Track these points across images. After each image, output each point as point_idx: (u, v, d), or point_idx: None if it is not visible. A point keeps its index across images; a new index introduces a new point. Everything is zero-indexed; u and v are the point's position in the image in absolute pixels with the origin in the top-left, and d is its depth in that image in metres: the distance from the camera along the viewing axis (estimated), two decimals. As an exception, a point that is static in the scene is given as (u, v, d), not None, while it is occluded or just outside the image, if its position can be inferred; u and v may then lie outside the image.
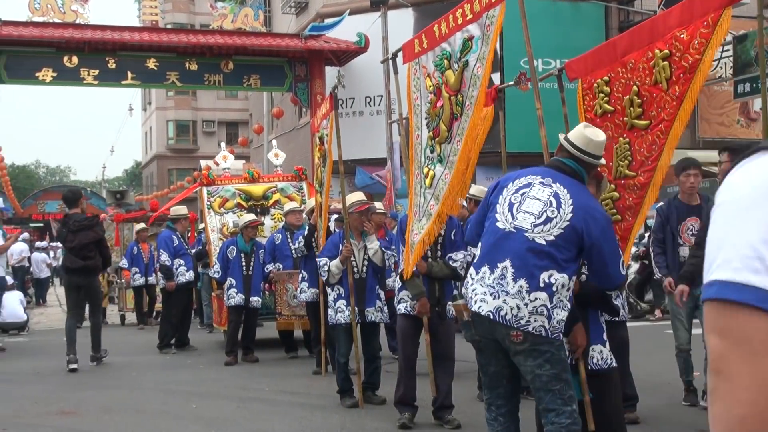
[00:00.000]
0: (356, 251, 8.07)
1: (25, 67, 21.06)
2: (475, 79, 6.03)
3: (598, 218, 4.49)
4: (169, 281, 12.46)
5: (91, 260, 10.79)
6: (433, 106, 6.68)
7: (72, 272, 10.96)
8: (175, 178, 51.49)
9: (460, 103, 6.27)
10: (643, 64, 5.06)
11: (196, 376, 10.17)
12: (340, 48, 22.91)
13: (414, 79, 7.13)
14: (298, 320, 11.20)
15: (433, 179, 6.65)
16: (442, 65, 6.49)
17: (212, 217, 13.03)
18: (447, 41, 6.42)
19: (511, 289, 4.33)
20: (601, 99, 5.45)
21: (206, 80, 22.64)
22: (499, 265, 4.40)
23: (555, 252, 4.36)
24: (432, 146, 6.70)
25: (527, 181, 4.58)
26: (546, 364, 4.37)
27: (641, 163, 5.19)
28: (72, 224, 10.77)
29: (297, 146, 27.86)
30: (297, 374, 10.01)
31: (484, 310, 4.39)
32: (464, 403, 7.67)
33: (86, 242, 10.73)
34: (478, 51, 5.99)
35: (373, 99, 23.60)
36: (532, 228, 4.39)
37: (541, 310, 4.31)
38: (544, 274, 4.33)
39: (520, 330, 4.31)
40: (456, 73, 6.26)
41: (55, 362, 11.67)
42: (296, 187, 13.38)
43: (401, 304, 7.14)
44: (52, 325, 18.23)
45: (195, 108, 57.42)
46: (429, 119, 6.78)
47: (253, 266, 11.30)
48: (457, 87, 6.26)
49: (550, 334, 4.34)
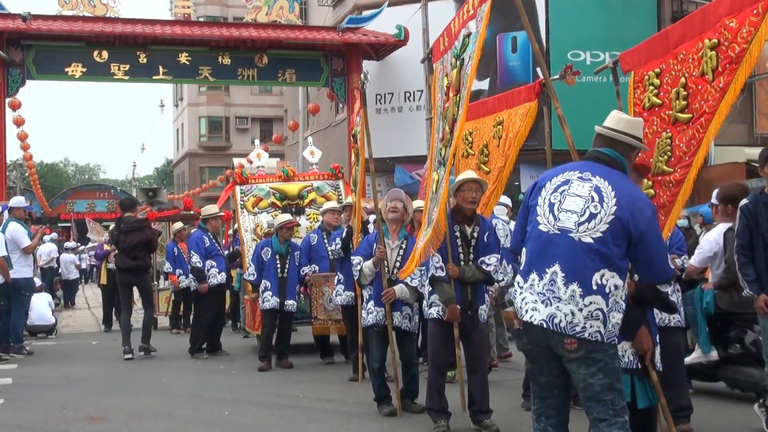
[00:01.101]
0: (389, 251, 8.08)
1: (55, 62, 21.35)
2: (465, 78, 6.01)
3: (643, 208, 4.39)
4: (201, 283, 12.55)
5: (140, 260, 12.43)
6: (443, 107, 6.68)
7: (124, 271, 12.61)
8: (207, 177, 51.99)
9: (457, 103, 6.26)
10: (693, 54, 5.01)
11: (229, 382, 10.22)
12: (378, 41, 22.93)
13: (439, 80, 7.14)
14: (335, 325, 11.21)
15: (437, 183, 6.65)
16: (452, 65, 6.50)
17: (246, 217, 13.10)
18: (458, 38, 6.42)
19: (563, 294, 4.26)
20: (650, 92, 5.41)
21: (240, 75, 22.80)
22: (547, 270, 4.33)
23: (604, 249, 4.27)
24: (440, 149, 6.70)
25: (565, 177, 4.50)
26: (599, 373, 4.30)
27: (679, 159, 5.14)
28: (123, 226, 12.37)
29: (333, 143, 27.92)
30: (333, 381, 10.03)
31: (537, 318, 4.33)
32: (504, 411, 7.66)
33: (136, 242, 12.27)
34: (471, 48, 5.98)
35: (413, 94, 23.58)
36: (577, 227, 4.32)
37: (597, 314, 4.24)
38: (596, 276, 4.25)
39: (575, 338, 4.25)
40: (456, 72, 6.26)
41: (84, 367, 11.83)
42: (332, 186, 13.41)
43: (432, 308, 7.18)
44: (80, 329, 18.50)
45: (228, 104, 57.89)
46: (440, 121, 6.79)
47: (289, 268, 11.33)
48: (457, 87, 6.27)
49: (606, 339, 4.27)
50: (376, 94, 23.39)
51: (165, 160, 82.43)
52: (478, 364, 7.24)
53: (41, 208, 42.81)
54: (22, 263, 12.85)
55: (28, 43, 20.88)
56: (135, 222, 12.46)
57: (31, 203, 22.76)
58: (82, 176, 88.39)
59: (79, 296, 27.23)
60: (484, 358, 7.42)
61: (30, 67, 20.93)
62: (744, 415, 7.38)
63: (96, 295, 24.30)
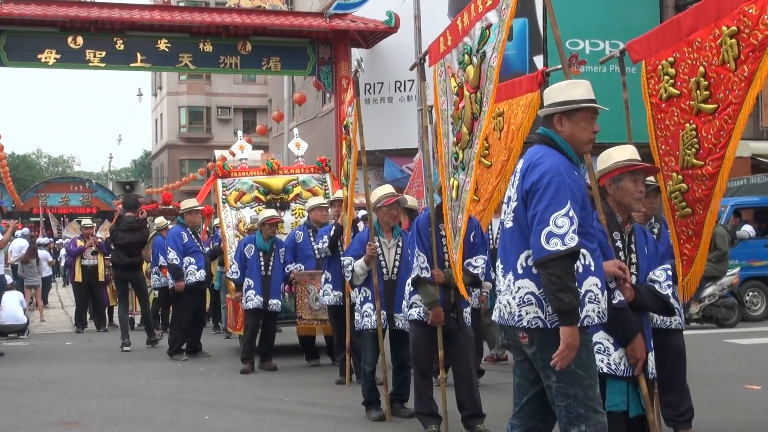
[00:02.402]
0: (386, 250, 8.07)
1: (27, 48, 21.23)
2: (491, 71, 5.99)
3: (535, 171, 4.24)
4: (178, 281, 12.52)
5: (136, 257, 13.64)
6: (456, 109, 6.65)
7: (120, 267, 13.80)
8: (188, 170, 51.93)
9: (479, 100, 6.24)
10: (709, 42, 5.01)
11: (210, 385, 10.22)
12: (367, 28, 22.91)
13: (440, 82, 7.09)
14: (320, 325, 11.21)
15: (458, 189, 6.64)
16: (464, 62, 6.44)
17: (228, 211, 13.06)
18: (468, 34, 6.39)
19: (503, 285, 4.37)
20: (666, 82, 5.41)
21: (222, 63, 22.71)
22: (499, 266, 4.47)
23: (520, 228, 4.27)
24: (456, 153, 6.67)
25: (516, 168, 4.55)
26: (551, 375, 4.18)
27: (709, 151, 5.14)
28: (124, 225, 13.58)
29: (320, 135, 27.91)
30: (319, 384, 10.04)
31: (495, 316, 4.49)
32: (499, 416, 7.67)
33: (133, 241, 13.51)
34: (494, 40, 5.96)
35: (404, 84, 23.58)
36: (505, 216, 4.43)
37: (528, 299, 4.20)
38: (520, 258, 4.25)
39: (521, 329, 4.22)
40: (475, 68, 6.22)
41: (57, 368, 11.81)
42: (319, 180, 13.39)
43: (413, 309, 7.20)
44: (53, 329, 18.44)
45: (209, 93, 57.81)
46: (453, 124, 6.76)
47: (273, 266, 11.31)
48: (476, 83, 6.22)
49: (550, 324, 4.13)
50: (365, 83, 23.35)
51: (143, 152, 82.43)
52: (464, 368, 7.24)
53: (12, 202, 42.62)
54: (-8, 260, 12.83)
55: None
56: (135, 222, 13.68)
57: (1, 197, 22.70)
58: (56, 168, 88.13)
59: (52, 294, 27.13)
60: (470, 361, 7.36)
61: (1, 54, 20.83)
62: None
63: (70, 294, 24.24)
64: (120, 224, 13.83)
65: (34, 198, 50.77)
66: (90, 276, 17.42)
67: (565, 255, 4.03)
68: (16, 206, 44.06)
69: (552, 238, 4.04)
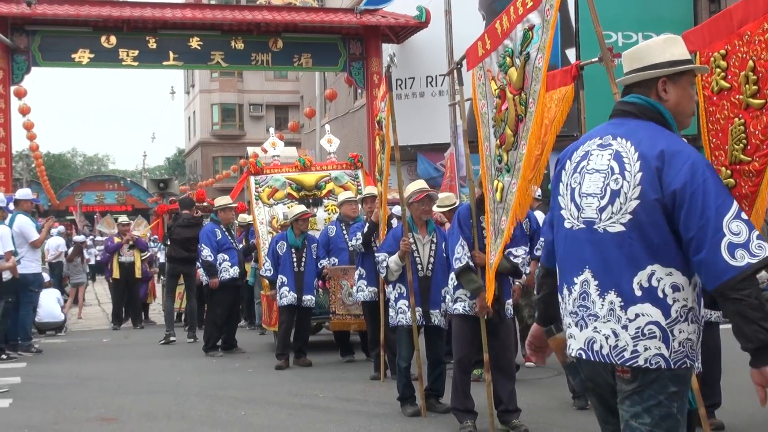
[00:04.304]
0: (420, 246, 8.05)
1: (61, 48, 21.39)
2: (536, 72, 5.96)
3: (678, 160, 3.24)
4: (212, 278, 12.60)
5: (192, 252, 13.90)
6: (498, 111, 6.63)
7: (176, 261, 14.49)
8: (221, 167, 52.17)
9: (523, 102, 6.20)
10: (758, 36, 4.94)
11: (245, 381, 10.27)
12: (398, 23, 22.86)
13: (479, 86, 7.07)
14: (354, 321, 11.21)
15: (503, 192, 6.61)
16: (505, 64, 6.42)
17: (261, 208, 13.10)
18: (509, 37, 6.37)
19: (600, 309, 3.31)
20: (718, 75, 5.34)
21: (253, 60, 22.75)
22: (576, 280, 3.41)
23: (642, 236, 3.25)
24: (500, 156, 6.65)
25: (585, 149, 3.54)
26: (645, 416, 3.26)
27: (756, 147, 5.07)
28: (182, 221, 14.43)
29: (352, 131, 27.93)
30: (353, 379, 10.05)
31: (573, 348, 3.43)
32: (534, 410, 7.66)
33: (189, 237, 14.00)
34: (538, 41, 5.92)
35: (435, 79, 23.50)
36: (599, 214, 3.35)
37: (650, 330, 3.22)
38: (639, 276, 3.24)
39: (625, 366, 3.26)
40: (518, 70, 6.19)
41: (95, 365, 11.92)
42: (351, 176, 13.39)
43: (458, 304, 7.22)
44: (90, 326, 18.60)
45: (241, 90, 58.05)
46: (495, 126, 6.73)
47: (305, 262, 11.35)
48: (520, 85, 6.19)
49: (673, 364, 3.22)
50: (396, 79, 23.31)
51: (176, 149, 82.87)
52: (505, 362, 7.25)
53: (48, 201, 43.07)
54: (31, 258, 12.97)
55: (33, 28, 20.92)
56: (192, 219, 14.57)
57: (38, 195, 22.93)
58: (91, 167, 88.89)
59: (89, 292, 27.37)
60: (511, 355, 7.44)
61: (35, 54, 20.99)
62: None
63: (106, 291, 24.44)
64: (177, 221, 14.67)
65: (69, 196, 51.24)
66: (127, 273, 17.57)
67: (756, 270, 3.09)
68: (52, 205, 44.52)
69: (737, 250, 3.08)
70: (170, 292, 14.94)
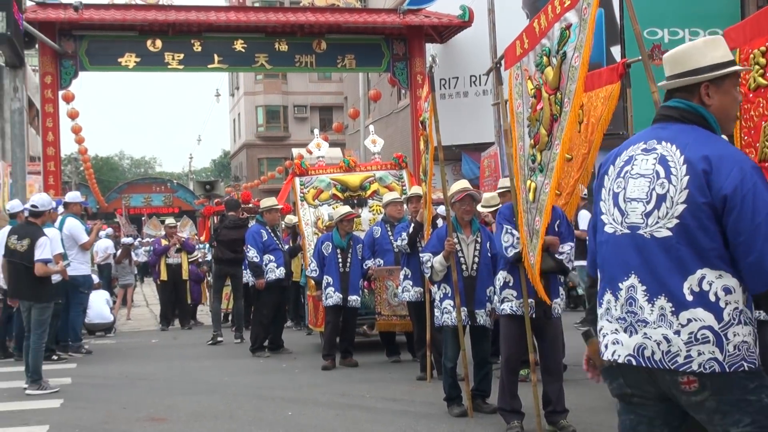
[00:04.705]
0: (464, 246, 8.04)
1: (108, 52, 21.63)
2: (573, 72, 5.92)
3: (726, 166, 3.21)
4: (259, 279, 12.68)
5: (239, 253, 13.86)
6: (533, 111, 6.60)
7: (222, 262, 14.59)
8: (266, 168, 52.51)
9: (559, 101, 6.17)
10: None
11: (292, 381, 10.32)
12: (441, 23, 22.83)
13: (516, 85, 7.05)
14: (400, 321, 11.21)
15: (536, 192, 6.58)
16: (542, 63, 6.39)
17: (306, 209, 13.15)
18: (546, 36, 6.34)
19: (649, 315, 3.27)
20: (756, 72, 5.29)
21: (297, 62, 22.84)
22: (622, 285, 3.38)
23: (690, 241, 3.22)
24: (533, 155, 6.63)
25: (629, 154, 3.50)
26: (745, 418, 3.19)
27: None
28: (228, 222, 14.57)
29: (396, 131, 27.95)
30: (400, 380, 10.05)
31: (621, 354, 3.36)
32: (581, 411, 7.62)
33: (235, 238, 14.13)
34: (575, 40, 5.88)
35: (479, 78, 23.44)
36: (645, 219, 3.33)
37: (703, 335, 3.18)
38: (689, 281, 3.21)
39: (686, 374, 3.21)
40: (554, 69, 6.15)
41: (144, 365, 12.05)
42: (396, 176, 13.39)
43: (505, 304, 7.23)
44: (139, 327, 18.83)
45: (285, 92, 58.33)
46: (530, 126, 6.70)
47: (351, 262, 11.38)
48: (555, 84, 6.15)
49: (728, 368, 3.16)
50: (440, 78, 23.29)
51: (222, 151, 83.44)
52: (553, 362, 7.24)
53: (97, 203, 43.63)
54: (80, 260, 13.19)
55: (80, 33, 21.18)
56: (238, 220, 14.74)
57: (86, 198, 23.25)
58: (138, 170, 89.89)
59: (137, 293, 27.70)
60: (559, 355, 7.42)
61: (83, 59, 21.24)
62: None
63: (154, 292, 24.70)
64: (224, 222, 14.81)
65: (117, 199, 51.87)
66: (174, 274, 17.78)
67: None
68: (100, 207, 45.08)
69: None
70: (217, 293, 15.11)
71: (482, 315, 7.97)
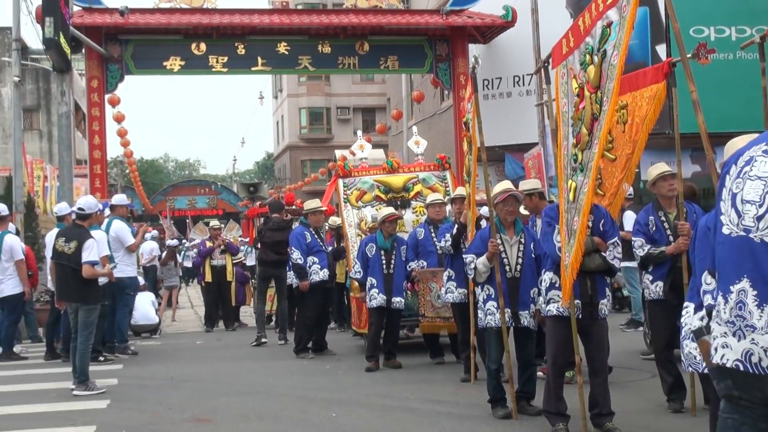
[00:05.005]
0: (508, 247, 8.00)
1: (153, 56, 21.86)
2: (611, 70, 5.90)
3: None
4: (303, 281, 12.72)
5: (283, 255, 14.00)
6: (576, 110, 6.56)
7: (266, 264, 14.71)
8: (309, 170, 52.72)
9: (599, 100, 6.14)
10: None
11: (336, 383, 10.34)
12: (484, 23, 22.75)
13: (562, 84, 7.03)
14: (443, 323, 11.20)
15: (576, 192, 6.55)
16: (585, 62, 6.37)
17: (349, 211, 13.18)
18: (590, 34, 6.31)
19: (758, 320, 3.18)
20: None
21: (340, 63, 22.90)
22: (733, 288, 3.28)
23: None
24: (575, 155, 6.60)
25: (750, 154, 3.36)
26: None
27: None
28: (272, 224, 14.71)
29: (439, 132, 27.91)
30: (444, 381, 10.04)
31: (730, 359, 3.28)
32: (627, 413, 7.56)
33: (279, 240, 14.22)
34: (615, 38, 5.85)
35: (522, 78, 23.34)
36: (756, 222, 3.23)
37: None
38: None
39: None
40: (596, 67, 6.12)
41: (189, 367, 12.15)
42: (439, 177, 13.37)
43: (551, 305, 7.22)
44: (184, 328, 18.98)
45: (329, 94, 58.50)
46: (573, 125, 6.67)
47: (395, 264, 11.38)
48: (597, 83, 6.13)
49: None
50: (483, 79, 23.23)
51: (265, 153, 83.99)
52: (599, 364, 7.20)
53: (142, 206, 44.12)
54: (127, 262, 13.33)
55: (126, 37, 21.43)
56: (282, 222, 14.80)
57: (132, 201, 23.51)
58: (182, 172, 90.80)
59: (182, 295, 27.93)
60: (605, 357, 7.37)
61: (128, 62, 21.47)
62: None
63: (198, 294, 24.88)
64: (267, 224, 14.92)
65: (162, 201, 52.47)
66: (219, 276, 17.89)
67: None
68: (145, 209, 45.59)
69: None
70: (261, 294, 15.16)
71: (526, 316, 7.94)
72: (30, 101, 33.89)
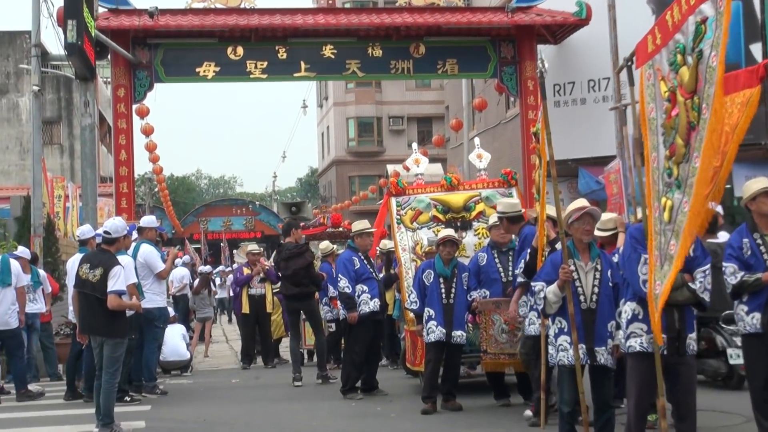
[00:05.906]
0: (582, 275, 7.95)
1: (185, 62, 22.07)
2: (710, 73, 5.82)
3: None
4: (351, 312, 12.72)
5: (304, 286, 13.98)
6: (668, 117, 6.50)
7: (289, 298, 14.40)
8: (358, 187, 52.88)
9: (696, 107, 6.06)
10: None
11: (388, 427, 10.34)
12: (555, 21, 22.68)
13: (647, 87, 6.96)
14: (508, 360, 11.11)
15: (672, 211, 6.49)
16: (676, 62, 6.30)
17: (403, 233, 13.13)
18: (680, 30, 6.25)
19: None
20: None
21: (393, 68, 22.91)
22: None
23: None
24: (669, 169, 6.51)
25: None
26: None
27: None
28: (285, 252, 14.13)
29: (504, 144, 27.88)
30: (510, 425, 9.99)
31: None
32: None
33: (297, 268, 13.89)
34: (712, 36, 5.79)
35: (598, 82, 23.23)
36: None
37: None
38: None
39: None
40: (690, 69, 6.06)
41: (224, 408, 12.21)
42: (504, 195, 13.29)
43: (632, 340, 7.19)
44: (218, 365, 19.09)
45: (380, 102, 58.71)
46: (665, 134, 6.60)
47: (455, 293, 11.27)
48: (692, 87, 6.05)
49: None
50: (554, 84, 23.16)
51: (309, 169, 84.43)
52: (686, 407, 7.13)
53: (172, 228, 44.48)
54: (156, 290, 13.30)
55: (155, 41, 21.67)
56: (294, 248, 14.18)
57: (161, 222, 23.70)
58: (217, 190, 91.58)
59: (216, 327, 28.10)
60: (693, 398, 7.29)
61: (158, 69, 21.69)
62: None
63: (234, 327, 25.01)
64: (281, 253, 14.42)
65: (194, 223, 52.89)
66: (258, 306, 17.82)
67: None
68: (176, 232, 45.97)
69: None
70: (293, 329, 15.15)
71: (603, 353, 7.85)
72: (50, 112, 34.48)
